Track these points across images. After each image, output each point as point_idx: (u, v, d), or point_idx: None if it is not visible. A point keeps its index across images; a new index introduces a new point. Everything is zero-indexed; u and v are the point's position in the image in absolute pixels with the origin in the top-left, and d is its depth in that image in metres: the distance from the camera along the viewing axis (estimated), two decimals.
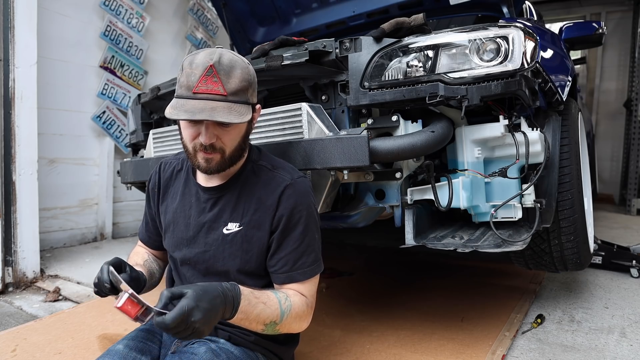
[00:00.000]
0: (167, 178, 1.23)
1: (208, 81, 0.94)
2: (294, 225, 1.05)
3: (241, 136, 1.05)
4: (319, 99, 1.53)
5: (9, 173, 2.45)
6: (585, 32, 2.41)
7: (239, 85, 0.97)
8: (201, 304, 0.80)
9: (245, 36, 2.97)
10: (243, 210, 1.08)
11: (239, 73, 0.98)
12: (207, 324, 0.81)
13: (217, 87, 0.95)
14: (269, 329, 0.98)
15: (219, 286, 0.87)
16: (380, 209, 1.60)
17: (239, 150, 1.06)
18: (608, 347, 1.57)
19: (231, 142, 1.03)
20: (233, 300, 0.88)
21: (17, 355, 1.57)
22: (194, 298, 0.80)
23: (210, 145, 0.99)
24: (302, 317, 1.04)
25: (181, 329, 0.78)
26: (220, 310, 0.84)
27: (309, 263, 1.07)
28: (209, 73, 0.94)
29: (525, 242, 1.40)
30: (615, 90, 6.03)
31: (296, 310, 1.02)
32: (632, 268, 2.37)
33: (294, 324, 1.03)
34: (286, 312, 0.99)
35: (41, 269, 2.64)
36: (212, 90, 0.94)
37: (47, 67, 3.16)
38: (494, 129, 1.40)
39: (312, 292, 1.10)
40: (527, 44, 1.31)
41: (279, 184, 1.07)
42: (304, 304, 1.05)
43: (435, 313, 1.90)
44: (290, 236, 1.06)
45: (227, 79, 0.96)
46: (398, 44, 1.39)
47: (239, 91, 0.98)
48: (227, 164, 1.05)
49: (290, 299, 1.02)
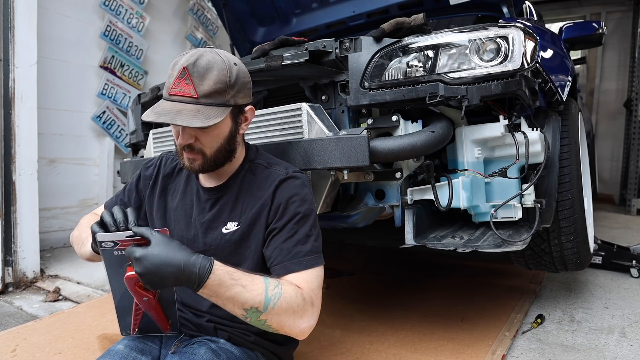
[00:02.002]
0: (168, 172, 1.22)
1: (181, 83, 0.96)
2: (288, 214, 1.03)
3: (223, 138, 1.03)
4: (319, 99, 1.53)
5: (9, 173, 2.45)
6: (585, 32, 2.41)
7: (212, 87, 0.97)
8: (148, 263, 0.82)
9: (245, 36, 2.97)
10: (241, 210, 1.08)
11: (215, 75, 0.97)
12: (149, 281, 0.83)
13: (189, 89, 0.96)
14: (252, 316, 0.89)
15: (185, 257, 0.84)
16: (380, 209, 1.60)
17: (224, 152, 1.05)
18: (608, 347, 1.57)
19: (210, 144, 1.02)
20: (197, 276, 0.84)
21: (17, 355, 1.57)
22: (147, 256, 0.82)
23: (189, 146, 1.01)
24: (296, 311, 0.93)
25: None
26: (170, 278, 0.83)
27: (305, 253, 1.01)
28: (182, 75, 0.96)
29: (525, 242, 1.40)
30: (615, 90, 6.03)
31: (287, 300, 0.91)
32: (632, 268, 2.37)
33: (285, 317, 0.91)
34: (272, 299, 0.89)
35: (41, 269, 2.64)
36: (183, 92, 0.96)
37: (47, 67, 3.16)
38: (494, 129, 1.40)
39: (312, 285, 0.99)
40: (527, 44, 1.31)
41: (274, 179, 1.07)
42: (299, 296, 0.94)
43: (435, 313, 1.90)
44: (285, 226, 1.03)
45: (200, 81, 0.96)
46: (398, 44, 1.39)
47: (213, 93, 0.97)
48: (211, 165, 1.04)
49: (281, 286, 0.92)
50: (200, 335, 1.11)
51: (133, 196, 1.25)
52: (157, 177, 1.22)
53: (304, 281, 0.98)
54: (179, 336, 1.13)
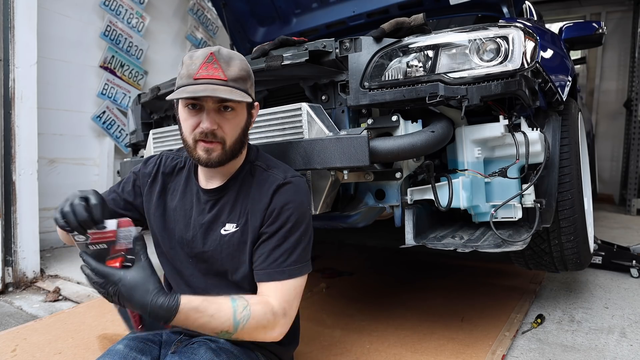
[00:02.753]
0: (168, 171, 1.21)
1: (209, 67, 0.98)
2: (280, 221, 1.03)
3: (241, 128, 1.05)
4: (319, 99, 1.53)
5: (9, 173, 2.45)
6: (585, 32, 2.41)
7: (238, 73, 1.01)
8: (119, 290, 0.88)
9: (245, 36, 2.97)
10: (240, 211, 1.08)
11: (238, 63, 1.02)
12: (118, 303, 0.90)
13: (218, 72, 0.98)
14: (224, 336, 0.96)
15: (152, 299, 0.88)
16: (380, 209, 1.60)
17: (239, 143, 1.06)
18: (608, 347, 1.57)
19: (231, 132, 1.03)
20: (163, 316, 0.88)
21: (17, 355, 1.57)
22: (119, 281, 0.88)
23: (212, 133, 1.00)
24: (266, 326, 0.97)
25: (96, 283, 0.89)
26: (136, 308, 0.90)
27: (290, 262, 1.02)
28: (210, 60, 0.98)
29: (525, 242, 1.40)
30: (615, 90, 6.03)
31: (256, 320, 0.95)
32: (632, 268, 2.37)
33: (255, 333, 0.97)
34: (241, 322, 0.94)
35: (41, 269, 2.64)
36: (213, 75, 0.98)
37: (47, 67, 3.16)
38: (494, 129, 1.40)
39: (288, 296, 1.01)
40: (527, 44, 1.31)
41: (271, 184, 1.06)
42: (269, 313, 0.97)
43: (435, 313, 1.90)
44: (275, 233, 1.03)
45: (227, 66, 1.00)
46: (398, 44, 1.39)
47: (239, 79, 1.01)
48: (227, 157, 1.04)
49: (250, 307, 0.95)
50: (199, 335, 1.11)
51: (128, 190, 1.24)
52: (156, 175, 1.21)
53: (281, 291, 1.01)
54: (178, 336, 1.13)
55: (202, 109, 1.00)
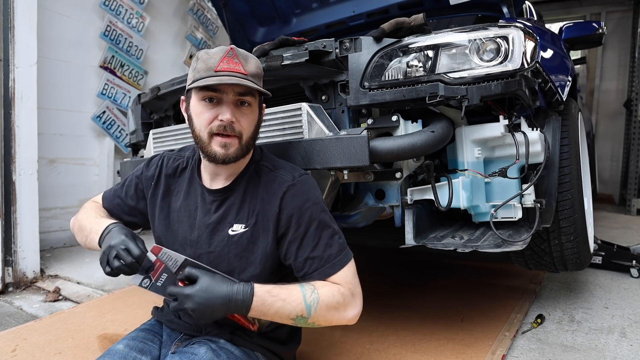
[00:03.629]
0: (171, 172, 1.20)
1: (229, 61, 1.00)
2: (306, 223, 1.04)
3: (255, 124, 1.07)
4: (319, 99, 1.53)
5: (9, 173, 2.45)
6: (585, 32, 2.41)
7: (255, 69, 1.04)
8: (199, 299, 0.91)
9: (245, 36, 2.97)
10: (248, 212, 1.07)
11: (254, 60, 1.05)
12: (201, 315, 0.92)
13: (239, 66, 1.00)
14: (300, 322, 0.98)
15: (229, 288, 0.93)
16: (380, 209, 1.60)
17: (253, 140, 1.07)
18: (608, 347, 1.57)
19: (248, 127, 1.04)
20: (242, 302, 0.93)
21: (17, 355, 1.57)
22: (192, 294, 0.92)
23: (230, 126, 1.00)
24: (337, 307, 1.00)
25: (174, 307, 0.94)
26: (220, 309, 0.93)
27: (335, 254, 1.04)
28: (230, 55, 1.00)
29: (525, 242, 1.40)
30: (615, 90, 6.03)
31: (326, 301, 0.98)
32: (632, 268, 2.37)
33: (330, 315, 0.99)
34: (312, 305, 0.97)
35: (41, 269, 2.64)
36: (234, 69, 0.99)
37: (47, 67, 3.16)
38: (494, 129, 1.40)
39: (348, 278, 1.04)
40: (527, 44, 1.31)
41: (280, 186, 1.06)
42: (337, 293, 1.00)
43: (435, 313, 1.90)
44: (306, 235, 1.04)
45: (246, 62, 1.02)
46: (398, 44, 1.39)
47: (255, 75, 1.03)
48: (243, 153, 1.04)
49: (317, 290, 0.99)
50: (200, 335, 1.11)
51: (130, 194, 1.24)
52: (159, 177, 1.21)
53: (342, 279, 1.03)
54: (178, 335, 1.13)
55: (219, 102, 1.01)
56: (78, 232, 1.21)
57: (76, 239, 1.22)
